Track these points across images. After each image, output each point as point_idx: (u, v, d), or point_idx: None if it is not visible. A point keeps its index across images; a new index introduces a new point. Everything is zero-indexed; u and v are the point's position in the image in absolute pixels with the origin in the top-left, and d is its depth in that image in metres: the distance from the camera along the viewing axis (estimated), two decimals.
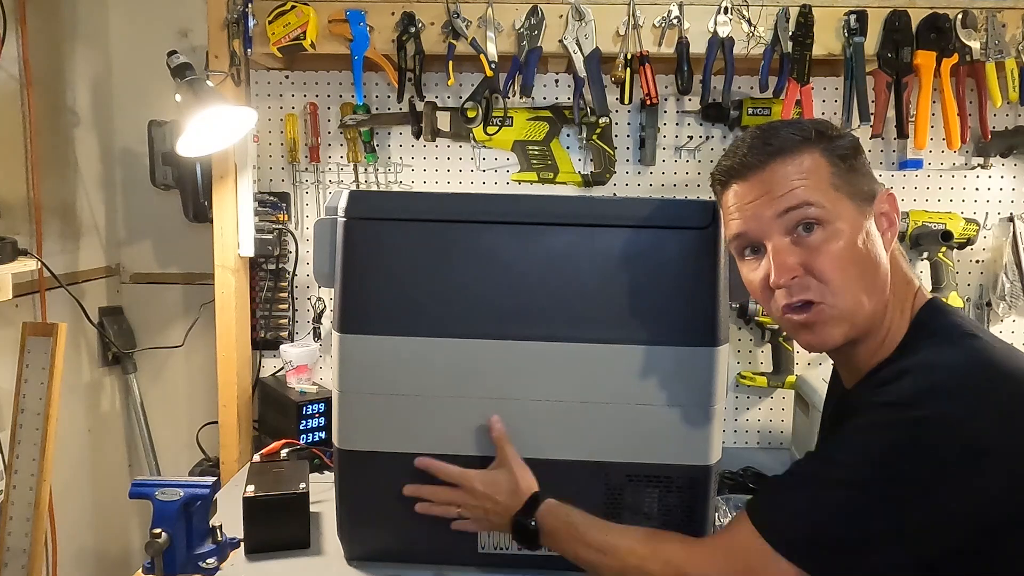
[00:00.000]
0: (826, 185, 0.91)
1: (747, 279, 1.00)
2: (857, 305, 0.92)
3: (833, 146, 0.94)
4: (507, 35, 1.70)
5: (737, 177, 0.96)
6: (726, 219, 1.01)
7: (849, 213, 0.92)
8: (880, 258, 0.93)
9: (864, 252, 0.92)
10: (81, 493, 1.98)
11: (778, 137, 0.94)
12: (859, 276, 0.92)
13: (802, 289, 0.92)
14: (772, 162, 0.93)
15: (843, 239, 0.91)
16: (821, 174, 0.92)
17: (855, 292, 0.92)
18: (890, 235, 0.95)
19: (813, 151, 0.93)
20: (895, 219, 0.96)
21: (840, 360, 1.04)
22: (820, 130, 0.95)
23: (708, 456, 1.24)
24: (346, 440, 1.27)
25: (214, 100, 1.57)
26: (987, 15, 1.68)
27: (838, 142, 0.94)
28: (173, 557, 1.22)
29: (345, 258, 1.23)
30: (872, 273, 0.93)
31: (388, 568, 1.31)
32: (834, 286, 0.91)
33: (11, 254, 1.52)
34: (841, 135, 0.96)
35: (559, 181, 1.90)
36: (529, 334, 1.22)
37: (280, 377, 1.95)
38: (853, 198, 0.92)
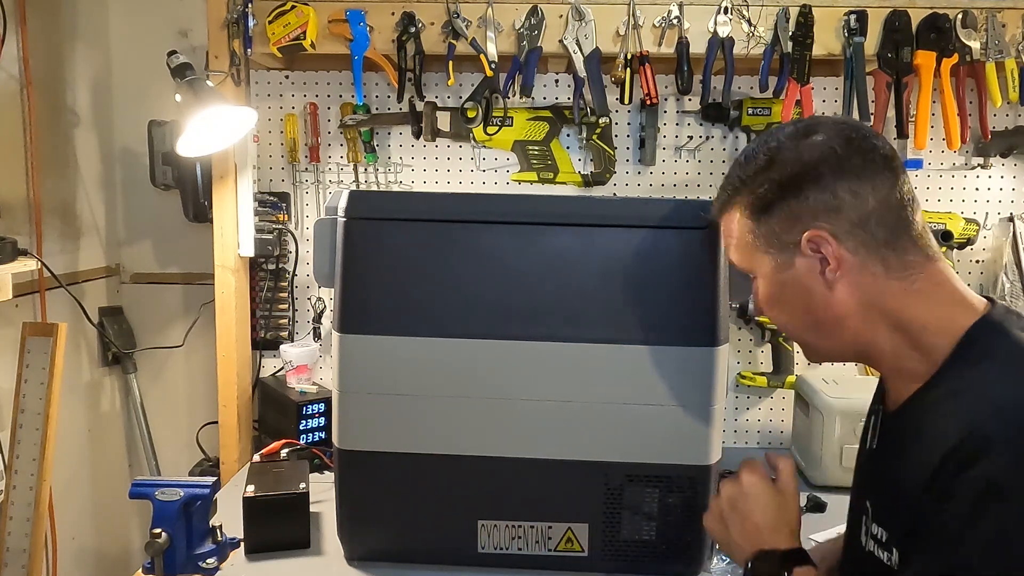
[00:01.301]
0: (743, 244, 0.94)
1: None
2: (799, 340, 0.97)
3: (754, 196, 0.91)
4: (507, 35, 1.70)
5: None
6: None
7: (766, 267, 0.93)
8: (818, 298, 0.89)
9: (787, 299, 0.93)
10: (81, 493, 1.98)
11: (722, 189, 0.96)
12: (790, 319, 0.95)
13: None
14: (720, 217, 0.98)
15: (764, 290, 0.94)
16: (740, 234, 0.94)
17: (791, 331, 0.97)
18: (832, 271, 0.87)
19: (735, 208, 0.94)
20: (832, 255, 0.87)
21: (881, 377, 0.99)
22: (744, 178, 0.92)
23: (708, 456, 1.24)
24: (346, 440, 1.27)
25: (214, 100, 1.57)
26: (987, 15, 1.68)
27: (759, 188, 0.90)
28: (173, 557, 1.22)
29: (345, 258, 1.23)
30: (800, 315, 0.92)
31: (388, 568, 1.31)
32: (778, 326, 0.98)
33: (11, 254, 1.52)
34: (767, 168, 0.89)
35: (559, 181, 1.90)
36: (529, 334, 1.22)
37: (280, 377, 1.95)
38: (769, 251, 0.91)
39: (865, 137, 0.88)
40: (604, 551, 1.28)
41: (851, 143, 0.87)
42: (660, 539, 1.27)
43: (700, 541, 1.27)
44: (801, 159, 0.88)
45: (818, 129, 0.89)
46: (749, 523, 0.97)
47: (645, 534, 1.27)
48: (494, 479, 1.26)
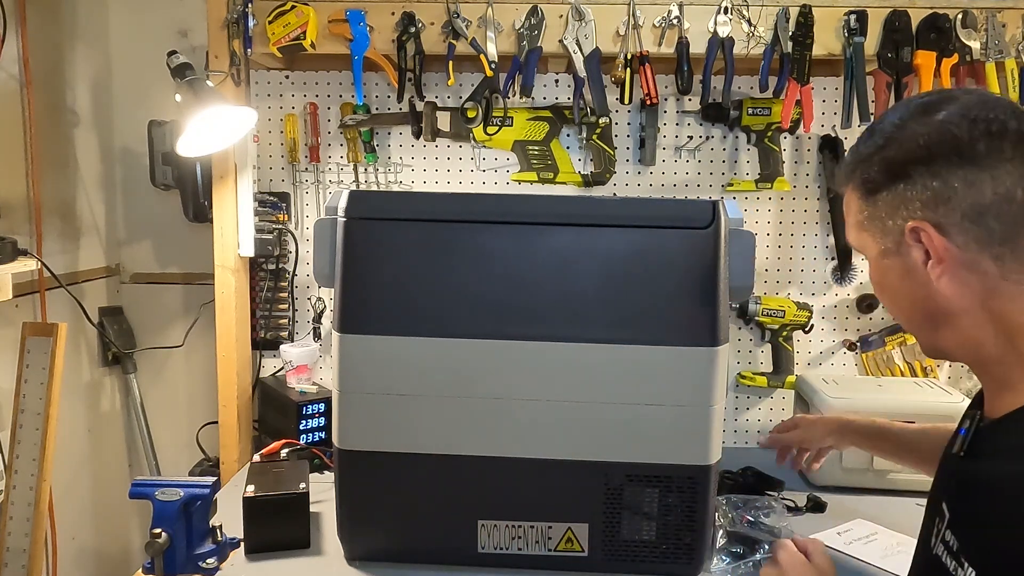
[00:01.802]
0: (855, 223, 0.90)
1: None
2: (915, 335, 0.91)
3: (866, 175, 0.86)
4: (507, 35, 1.70)
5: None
6: None
7: (872, 249, 0.89)
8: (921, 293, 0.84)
9: (890, 287, 0.89)
10: (81, 493, 1.98)
11: (845, 161, 0.91)
12: (894, 308, 0.91)
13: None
14: (841, 188, 0.93)
15: (871, 273, 0.91)
16: (853, 212, 0.90)
17: (904, 322, 0.92)
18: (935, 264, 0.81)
19: (851, 184, 0.89)
20: (935, 248, 0.81)
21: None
22: (861, 154, 0.87)
23: (708, 456, 1.24)
24: (346, 440, 1.27)
25: (214, 100, 1.57)
26: (987, 15, 1.68)
27: (872, 167, 0.85)
28: (173, 557, 1.22)
29: (345, 258, 1.23)
30: (903, 305, 0.88)
31: (388, 568, 1.31)
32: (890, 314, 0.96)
33: (11, 254, 1.52)
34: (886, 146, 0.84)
35: (559, 181, 1.90)
36: (529, 334, 1.22)
37: (280, 377, 1.95)
38: (876, 235, 0.87)
39: (996, 119, 0.78)
40: (604, 551, 1.28)
41: (976, 125, 0.78)
42: (660, 539, 1.27)
43: (700, 541, 1.27)
44: (916, 140, 0.81)
45: (943, 106, 0.81)
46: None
47: (645, 534, 1.27)
48: (494, 479, 1.26)
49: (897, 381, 1.84)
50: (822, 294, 1.94)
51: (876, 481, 1.62)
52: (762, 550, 1.35)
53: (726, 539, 1.37)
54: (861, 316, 1.94)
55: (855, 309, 1.93)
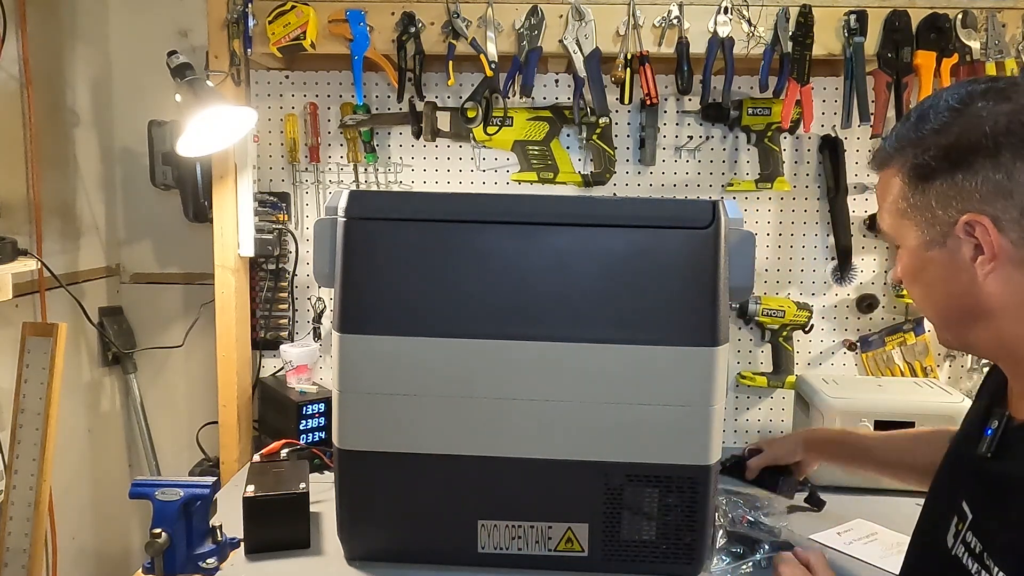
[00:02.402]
0: (894, 209, 0.85)
1: None
2: (934, 323, 0.88)
3: (918, 160, 0.81)
4: (507, 35, 1.70)
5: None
6: None
7: (911, 240, 0.84)
8: (962, 288, 0.81)
9: (928, 280, 0.84)
10: (81, 493, 1.98)
11: (886, 142, 0.86)
12: (924, 301, 0.87)
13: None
14: (879, 172, 0.89)
15: (906, 263, 0.86)
16: (893, 196, 0.85)
17: (926, 312, 0.89)
18: (986, 261, 0.79)
19: (894, 167, 0.84)
20: (990, 244, 0.78)
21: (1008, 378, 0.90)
22: (913, 136, 0.82)
23: (708, 456, 1.24)
24: (346, 440, 1.27)
25: (214, 100, 1.57)
26: (987, 15, 1.68)
27: (925, 152, 0.80)
28: (173, 557, 1.22)
29: (345, 258, 1.23)
30: (942, 302, 0.84)
31: (388, 568, 1.31)
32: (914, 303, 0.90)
33: (11, 254, 1.52)
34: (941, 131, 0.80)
35: (559, 181, 1.90)
36: (529, 334, 1.22)
37: (280, 377, 1.95)
38: (920, 223, 0.82)
39: None
40: (604, 551, 1.28)
41: None
42: (660, 539, 1.27)
43: (700, 541, 1.27)
44: (981, 128, 0.76)
45: (1013, 94, 0.77)
46: None
47: (645, 534, 1.27)
48: (494, 479, 1.26)
49: (897, 381, 1.84)
50: (822, 294, 1.94)
51: (876, 481, 1.62)
52: (762, 550, 1.35)
53: (726, 539, 1.37)
54: (861, 316, 1.94)
55: (855, 309, 1.93)
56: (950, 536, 0.86)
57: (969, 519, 0.84)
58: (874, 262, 1.92)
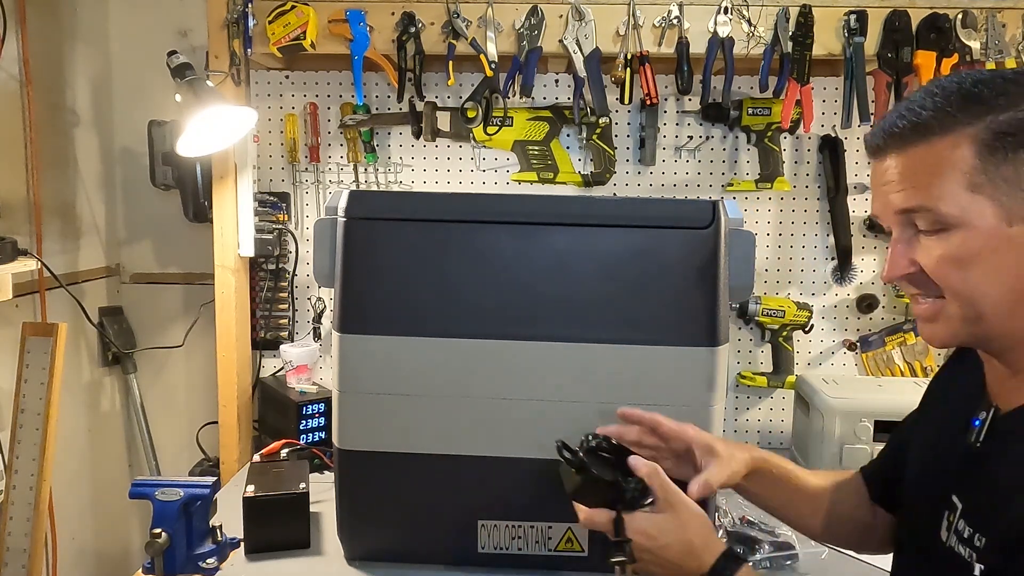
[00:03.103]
0: (960, 184, 0.76)
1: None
2: (980, 313, 0.79)
3: (993, 124, 0.75)
4: (507, 35, 1.70)
5: (876, 155, 0.83)
6: (872, 191, 0.88)
7: (984, 219, 0.76)
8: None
9: (998, 262, 0.77)
10: (81, 493, 1.98)
11: (922, 112, 0.78)
12: (986, 286, 0.78)
13: (919, 284, 0.83)
14: (908, 145, 0.79)
15: (966, 246, 0.77)
16: (959, 168, 0.76)
17: (977, 300, 0.79)
18: None
19: (960, 133, 0.76)
20: None
21: (987, 365, 0.90)
22: (983, 98, 0.76)
23: None
24: (346, 440, 1.27)
25: (214, 100, 1.57)
26: (987, 15, 1.68)
27: (1000, 120, 0.74)
28: (173, 557, 1.22)
29: (345, 258, 1.23)
30: (1010, 284, 0.78)
31: (388, 568, 1.31)
32: (950, 291, 0.79)
33: (11, 254, 1.52)
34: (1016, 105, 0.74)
35: (559, 181, 1.90)
36: (529, 334, 1.22)
37: (280, 377, 1.95)
38: (999, 199, 0.75)
39: None
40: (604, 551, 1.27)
41: None
42: None
43: None
44: None
45: None
46: (668, 563, 0.95)
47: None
48: (494, 479, 1.26)
49: (897, 381, 1.84)
50: (822, 294, 1.94)
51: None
52: (762, 550, 1.36)
53: (726, 539, 1.37)
54: (861, 316, 1.94)
55: (855, 309, 1.93)
56: (943, 531, 0.87)
57: (960, 508, 0.84)
58: (874, 262, 1.92)
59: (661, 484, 0.97)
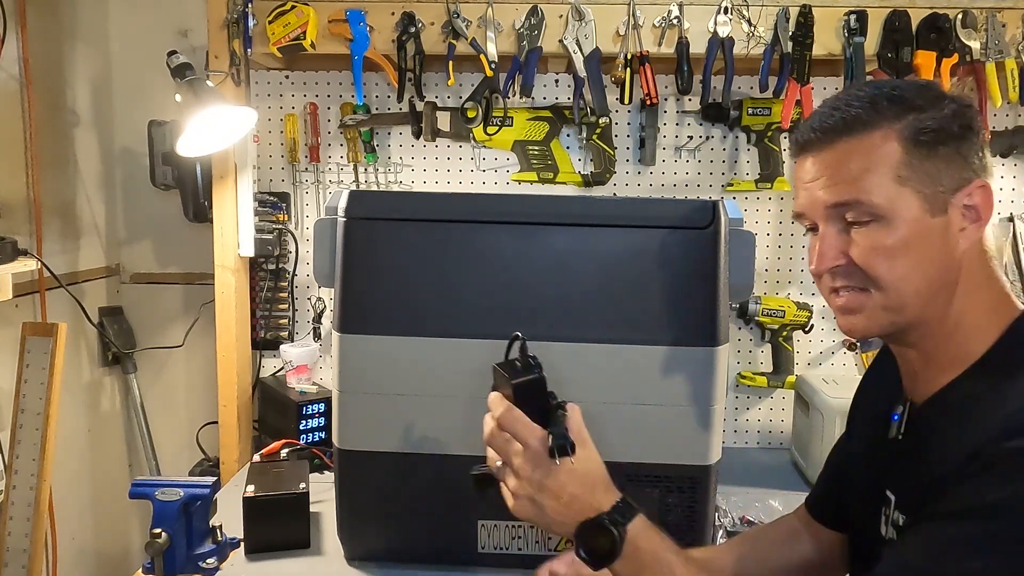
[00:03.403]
0: (889, 177, 0.81)
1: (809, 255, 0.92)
2: (902, 302, 0.84)
3: (916, 122, 0.81)
4: (507, 35, 1.70)
5: (804, 151, 0.88)
6: (795, 190, 0.92)
7: (910, 210, 0.81)
8: (947, 256, 0.83)
9: (921, 251, 0.82)
10: (81, 493, 1.98)
11: (851, 108, 0.83)
12: (909, 275, 0.83)
13: (845, 276, 0.86)
14: (838, 140, 0.83)
15: (894, 237, 0.82)
16: (887, 162, 0.81)
17: (901, 289, 0.83)
18: (972, 231, 0.83)
19: (887, 130, 0.81)
20: (983, 214, 0.83)
21: (899, 357, 0.93)
22: (907, 99, 0.82)
23: (708, 456, 1.24)
24: (346, 440, 1.27)
25: (214, 100, 1.57)
26: (987, 15, 1.68)
27: (925, 117, 0.81)
28: (173, 557, 1.22)
29: (345, 258, 1.23)
30: (930, 272, 0.82)
31: (388, 568, 1.31)
32: (877, 281, 0.83)
33: (11, 254, 1.52)
34: (936, 104, 0.82)
35: (559, 181, 1.90)
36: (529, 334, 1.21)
37: (280, 377, 1.95)
38: (922, 191, 0.81)
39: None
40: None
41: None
42: None
43: (700, 541, 1.27)
44: (972, 109, 0.84)
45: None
46: (566, 492, 0.88)
47: None
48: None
49: None
50: None
51: None
52: None
53: (726, 539, 1.37)
54: None
55: None
56: (883, 526, 0.90)
57: (893, 500, 0.88)
58: None
59: (578, 422, 0.95)
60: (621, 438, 1.23)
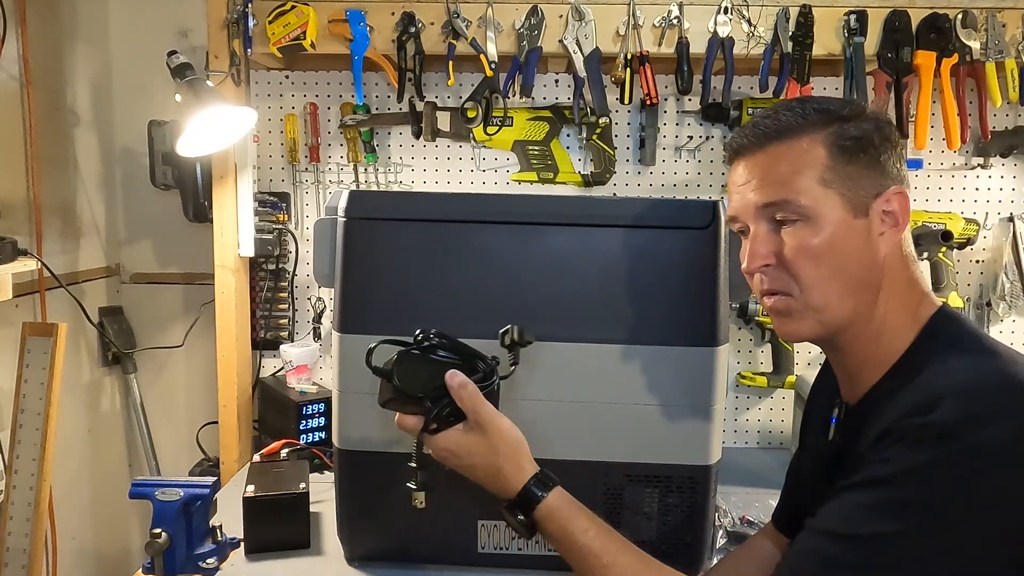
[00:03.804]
0: (814, 180, 0.87)
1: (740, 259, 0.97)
2: (827, 302, 0.89)
3: (840, 132, 0.88)
4: (507, 35, 1.70)
5: (737, 156, 0.94)
6: (728, 196, 0.98)
7: (834, 211, 0.87)
8: (869, 258, 0.88)
9: (845, 250, 0.88)
10: (81, 493, 1.98)
11: (782, 116, 0.90)
12: (833, 274, 0.88)
13: (773, 279, 0.91)
14: (768, 145, 0.90)
15: (820, 236, 0.87)
16: (813, 166, 0.88)
17: (825, 289, 0.89)
18: (891, 235, 0.89)
19: (814, 137, 0.88)
20: (900, 219, 0.89)
21: (834, 363, 0.99)
22: (832, 111, 0.89)
23: (708, 456, 1.24)
24: (346, 440, 1.27)
25: (214, 100, 1.57)
26: (987, 15, 1.68)
27: (848, 128, 0.88)
28: (173, 557, 1.22)
29: (345, 258, 1.23)
30: (852, 272, 0.88)
31: (388, 568, 1.31)
32: (802, 281, 0.89)
33: (11, 254, 1.52)
34: (858, 117, 0.90)
35: (559, 181, 1.90)
36: None
37: (280, 377, 1.95)
38: (846, 194, 0.87)
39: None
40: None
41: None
42: (660, 539, 1.27)
43: (700, 541, 1.27)
44: (891, 125, 0.92)
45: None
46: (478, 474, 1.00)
47: (645, 534, 1.26)
48: None
49: None
50: None
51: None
52: None
53: (726, 539, 1.37)
54: None
55: None
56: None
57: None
58: None
59: (472, 402, 0.99)
60: (621, 438, 1.23)
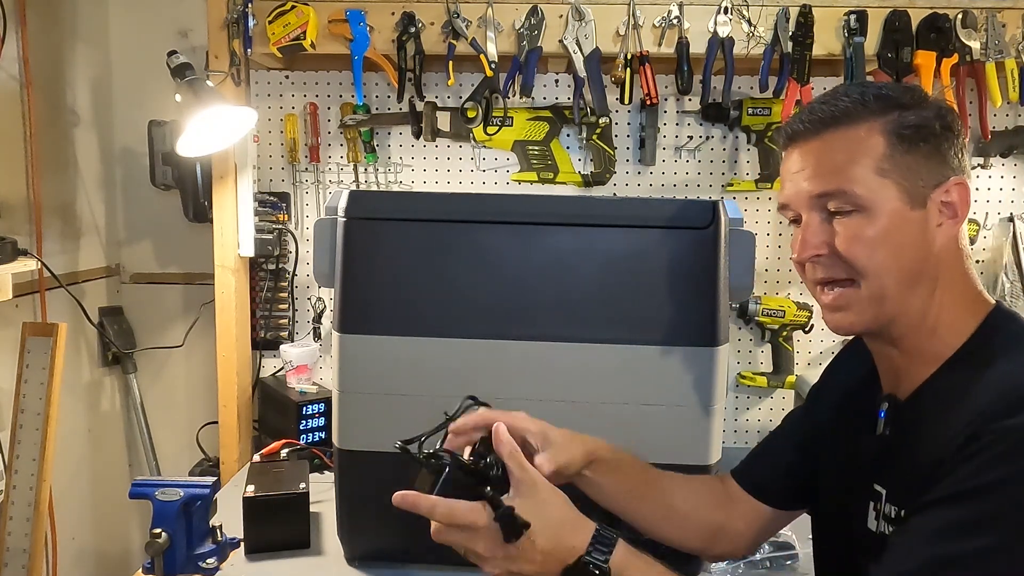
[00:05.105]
0: (871, 169, 0.84)
1: (792, 245, 0.94)
2: (885, 294, 0.86)
3: (899, 120, 0.85)
4: (507, 35, 1.70)
5: (791, 142, 0.90)
6: (780, 183, 0.95)
7: (890, 202, 0.84)
8: (924, 250, 0.85)
9: (900, 242, 0.84)
10: (81, 493, 1.98)
11: (839, 102, 0.87)
12: (889, 266, 0.85)
13: (827, 268, 0.88)
14: (825, 132, 0.87)
15: (874, 227, 0.84)
16: (870, 155, 0.84)
17: (882, 280, 0.85)
18: (948, 227, 0.86)
19: (872, 124, 0.85)
20: (960, 211, 0.86)
21: (879, 356, 0.95)
22: (892, 97, 0.86)
23: (708, 456, 1.24)
24: (346, 440, 1.27)
25: (214, 100, 1.57)
26: (987, 15, 1.68)
27: (907, 115, 0.85)
28: (173, 557, 1.22)
29: (345, 258, 1.23)
30: (907, 265, 0.85)
31: (388, 568, 1.31)
32: (860, 271, 0.85)
33: (11, 254, 1.52)
34: (919, 105, 0.86)
35: (559, 181, 1.90)
36: (529, 334, 1.22)
37: (280, 377, 1.95)
38: (903, 184, 0.84)
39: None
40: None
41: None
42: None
43: None
44: (953, 112, 0.88)
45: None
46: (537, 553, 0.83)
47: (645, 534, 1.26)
48: None
49: None
50: None
51: None
52: (762, 550, 1.35)
53: None
54: None
55: None
56: (871, 520, 0.90)
57: (884, 494, 0.89)
58: None
59: (519, 463, 0.88)
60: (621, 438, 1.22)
